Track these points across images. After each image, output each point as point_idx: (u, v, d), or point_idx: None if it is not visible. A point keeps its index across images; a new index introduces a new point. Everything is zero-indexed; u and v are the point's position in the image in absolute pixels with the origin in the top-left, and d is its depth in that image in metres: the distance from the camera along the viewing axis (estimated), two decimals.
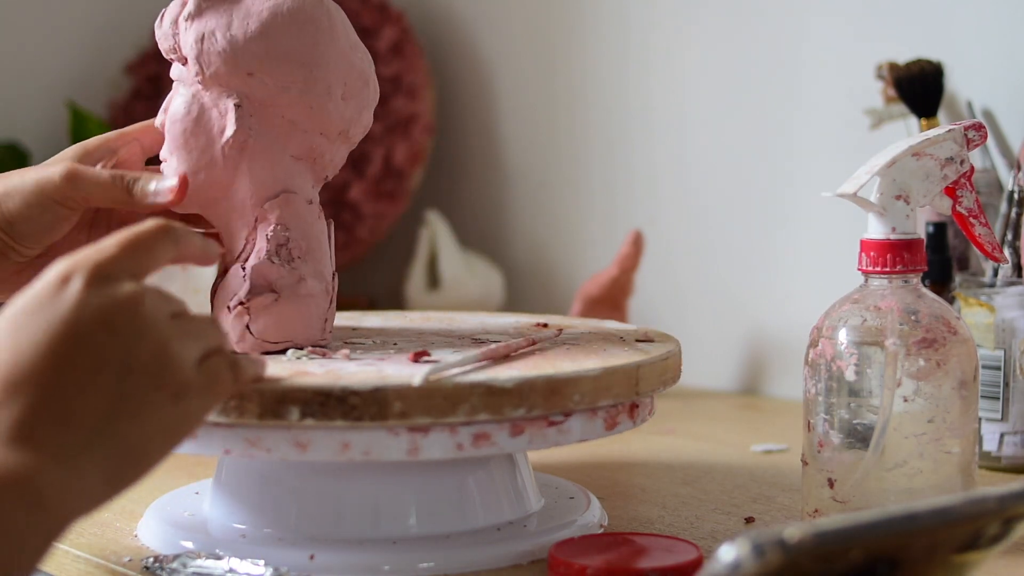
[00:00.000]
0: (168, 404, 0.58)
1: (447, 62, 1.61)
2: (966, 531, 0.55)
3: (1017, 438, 0.96)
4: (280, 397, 0.68)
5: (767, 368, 1.31)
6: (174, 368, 0.58)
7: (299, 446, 0.70)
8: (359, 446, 0.70)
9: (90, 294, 0.57)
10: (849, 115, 1.21)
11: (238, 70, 0.77)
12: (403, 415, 0.68)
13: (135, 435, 0.56)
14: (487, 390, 0.69)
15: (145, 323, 0.58)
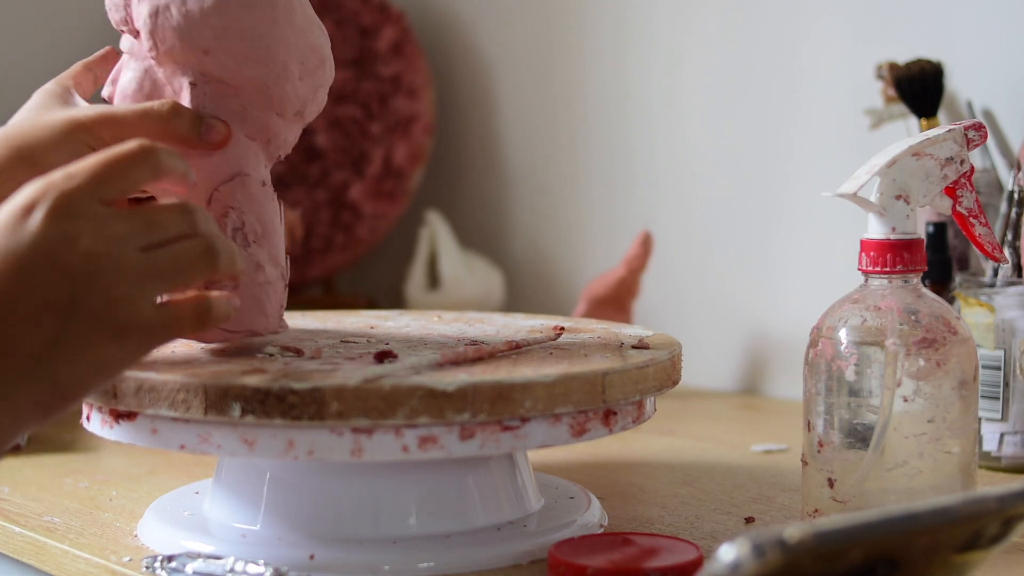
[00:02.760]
0: (108, 344, 0.58)
1: (447, 62, 1.61)
2: (966, 531, 0.55)
3: (1017, 438, 0.96)
4: (223, 393, 0.68)
5: (767, 368, 1.31)
6: (123, 311, 0.58)
7: (246, 443, 0.70)
8: (303, 445, 0.69)
9: (49, 228, 0.56)
10: (849, 115, 1.21)
11: (194, 47, 0.75)
12: (340, 415, 0.67)
13: (67, 375, 0.57)
14: (428, 393, 0.68)
15: (99, 263, 0.57)
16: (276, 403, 0.67)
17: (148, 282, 0.59)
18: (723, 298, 1.35)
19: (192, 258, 0.61)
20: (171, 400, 0.69)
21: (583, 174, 1.48)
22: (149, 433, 0.72)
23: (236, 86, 0.76)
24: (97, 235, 0.57)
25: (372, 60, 1.57)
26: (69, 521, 0.83)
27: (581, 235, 1.48)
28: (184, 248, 0.61)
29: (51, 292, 0.56)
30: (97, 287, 0.57)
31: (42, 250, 0.56)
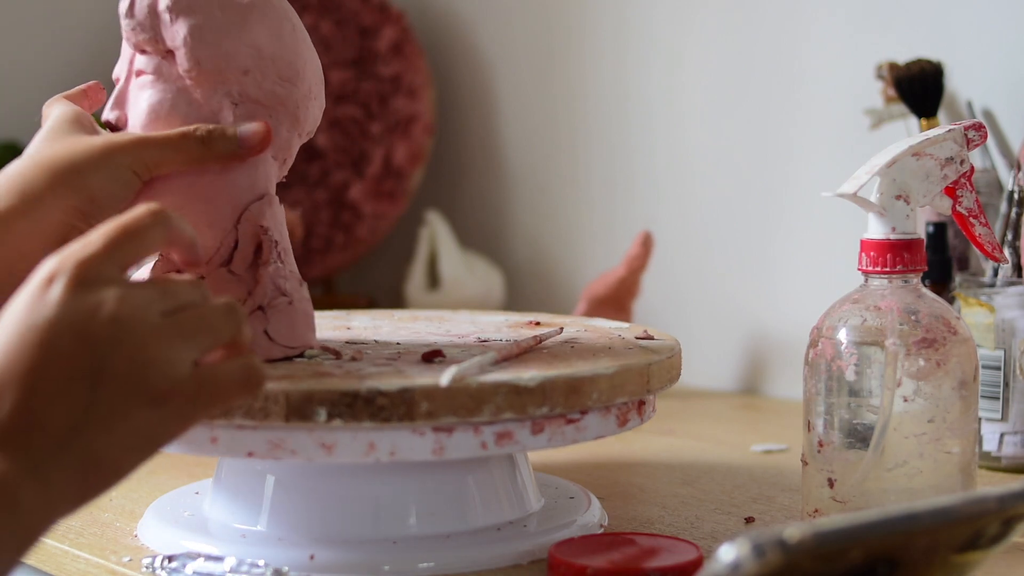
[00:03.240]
0: (145, 412, 0.56)
1: (447, 62, 1.61)
2: (966, 531, 0.55)
3: (1017, 438, 0.96)
4: (307, 398, 0.68)
5: (767, 368, 1.31)
6: (154, 373, 0.56)
7: (325, 448, 0.70)
8: (384, 447, 0.70)
9: (69, 299, 0.55)
10: (849, 115, 1.21)
11: (235, 67, 0.76)
12: (430, 415, 0.69)
13: (105, 445, 0.55)
14: (512, 389, 0.70)
15: (123, 329, 0.56)
16: (364, 406, 0.68)
17: (177, 343, 0.57)
18: (723, 298, 1.35)
19: (217, 318, 0.60)
20: (247, 408, 0.68)
21: (583, 174, 1.48)
22: (208, 443, 0.71)
23: (269, 106, 0.77)
24: (119, 300, 0.56)
25: (372, 60, 1.57)
26: (69, 521, 0.83)
27: (581, 235, 1.48)
28: (207, 310, 0.60)
29: (77, 361, 0.55)
30: (124, 352, 0.55)
31: (64, 320, 0.55)
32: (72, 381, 0.54)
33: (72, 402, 0.54)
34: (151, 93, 0.76)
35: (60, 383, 0.54)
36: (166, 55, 0.76)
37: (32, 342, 0.54)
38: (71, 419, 0.54)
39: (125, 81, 0.78)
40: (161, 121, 0.75)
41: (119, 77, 0.79)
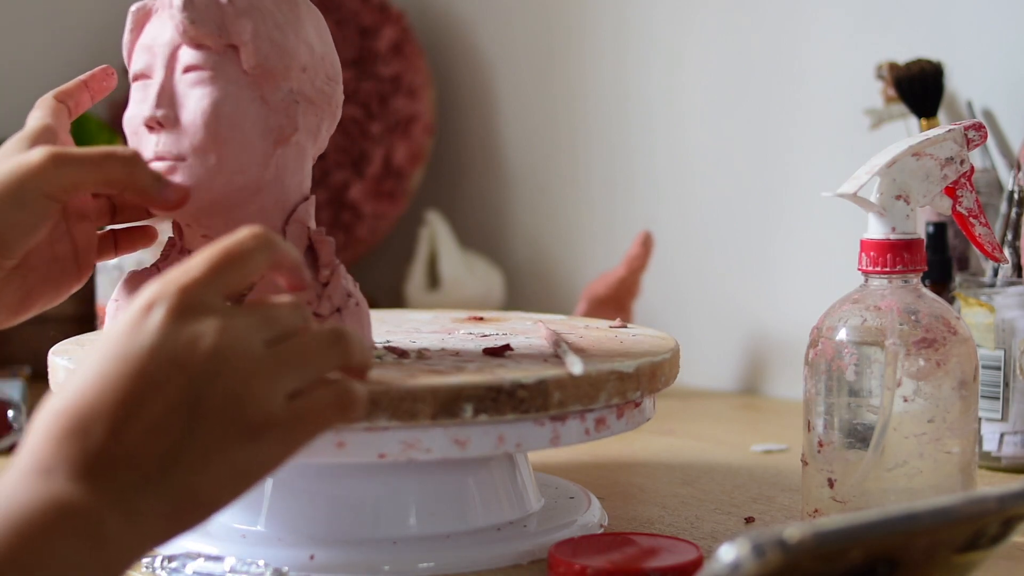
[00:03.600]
0: (242, 447, 0.54)
1: (447, 62, 1.61)
2: (966, 531, 0.55)
3: (1017, 438, 0.96)
4: (455, 395, 0.68)
5: (767, 368, 1.31)
6: (252, 409, 0.54)
7: (458, 443, 0.70)
8: (511, 439, 0.71)
9: (169, 328, 0.53)
10: (849, 115, 1.21)
11: (296, 64, 0.74)
12: (560, 404, 0.71)
13: (200, 480, 0.53)
14: (618, 376, 0.73)
15: (223, 362, 0.54)
16: (507, 399, 0.69)
17: (277, 376, 0.55)
18: (723, 298, 1.35)
19: (321, 347, 0.57)
20: (394, 409, 0.68)
21: (583, 174, 1.48)
22: (333, 447, 0.69)
23: (319, 105, 0.76)
24: (220, 331, 0.54)
25: (372, 60, 1.57)
26: None
27: (581, 235, 1.48)
28: (310, 339, 0.57)
29: (174, 394, 0.53)
30: (223, 386, 0.53)
31: (163, 351, 0.53)
32: (168, 414, 0.53)
33: (167, 435, 0.52)
34: (211, 90, 0.73)
35: (156, 415, 0.52)
36: (226, 50, 0.74)
37: (129, 371, 0.53)
38: (165, 452, 0.52)
39: (166, 77, 0.74)
40: (226, 119, 0.73)
41: (147, 73, 0.76)
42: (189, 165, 0.73)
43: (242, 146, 0.73)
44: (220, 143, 0.73)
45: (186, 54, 0.74)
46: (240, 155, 0.73)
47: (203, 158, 0.73)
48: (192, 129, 0.73)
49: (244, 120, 0.73)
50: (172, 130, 0.73)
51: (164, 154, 0.73)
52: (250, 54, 0.73)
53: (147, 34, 0.77)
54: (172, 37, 0.74)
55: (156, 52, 0.75)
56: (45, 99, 0.76)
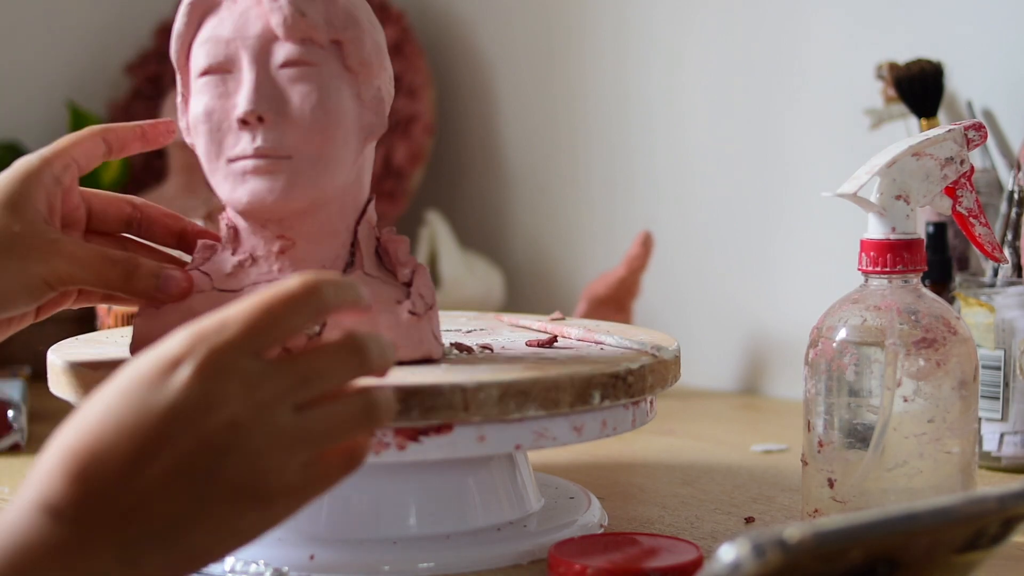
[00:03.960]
0: (248, 513, 0.53)
1: (447, 62, 1.61)
2: (966, 531, 0.55)
3: (1017, 438, 0.96)
4: (586, 383, 0.71)
5: (767, 368, 1.31)
6: (266, 481, 0.53)
7: (575, 430, 0.73)
8: (611, 423, 0.74)
9: (194, 389, 0.52)
10: (849, 115, 1.21)
11: (384, 62, 0.75)
12: (651, 388, 0.75)
13: (202, 541, 0.53)
14: (674, 362, 0.78)
15: (243, 435, 0.52)
16: (623, 385, 0.73)
17: (298, 447, 0.54)
18: (723, 298, 1.35)
19: (349, 418, 0.55)
20: (541, 399, 0.70)
21: (583, 174, 1.48)
22: (475, 441, 0.70)
23: (388, 104, 0.76)
24: (246, 399, 0.52)
25: None
26: None
27: (581, 235, 1.48)
28: (342, 408, 0.55)
29: (190, 460, 0.51)
30: (240, 459, 0.52)
31: (184, 414, 0.52)
32: (180, 477, 0.51)
33: (177, 496, 0.52)
34: (319, 85, 0.72)
35: (168, 477, 0.51)
36: (329, 45, 0.73)
37: (146, 425, 0.51)
38: (173, 512, 0.52)
39: (260, 71, 0.72)
40: (333, 115, 0.72)
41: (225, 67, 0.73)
42: (295, 163, 0.72)
43: (344, 143, 0.73)
44: (328, 140, 0.72)
45: (285, 48, 0.72)
46: (342, 153, 0.73)
47: (310, 156, 0.72)
48: (300, 125, 0.72)
49: (346, 117, 0.73)
50: (273, 126, 0.72)
51: (268, 151, 0.72)
52: (355, 49, 0.73)
53: (217, 27, 0.73)
54: (264, 30, 0.72)
55: (239, 45, 0.73)
56: (90, 129, 0.75)
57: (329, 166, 0.72)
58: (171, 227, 0.79)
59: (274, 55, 0.72)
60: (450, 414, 0.68)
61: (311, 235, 0.74)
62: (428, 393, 0.68)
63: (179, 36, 0.75)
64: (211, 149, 0.73)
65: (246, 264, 0.75)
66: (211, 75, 0.73)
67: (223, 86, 0.73)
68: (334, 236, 0.74)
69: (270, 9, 0.72)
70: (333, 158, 0.72)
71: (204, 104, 0.73)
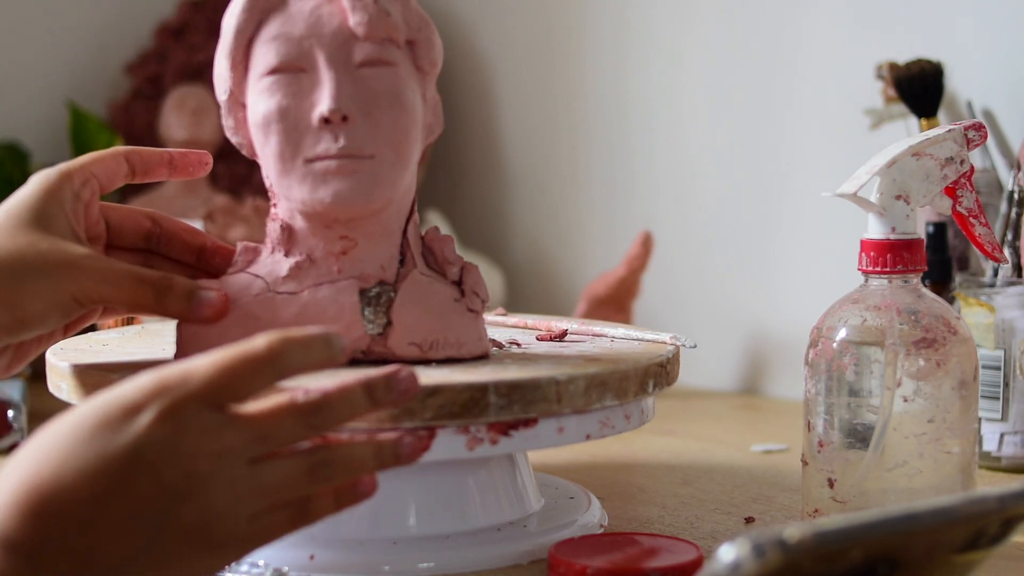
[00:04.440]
0: (200, 558, 0.54)
1: (447, 62, 1.61)
2: (966, 531, 0.55)
3: (1017, 438, 0.96)
4: (644, 372, 0.74)
5: (767, 368, 1.31)
6: (218, 528, 0.54)
7: (627, 418, 0.75)
8: (647, 412, 0.78)
9: (153, 437, 0.52)
10: (849, 115, 1.21)
11: (439, 59, 0.75)
12: (673, 380, 0.78)
13: None
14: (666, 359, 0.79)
15: (200, 484, 0.53)
16: (665, 375, 0.77)
17: (249, 499, 0.55)
18: (723, 298, 1.35)
19: (300, 475, 0.56)
20: (615, 390, 0.72)
21: (583, 174, 1.48)
22: (555, 433, 0.72)
23: None
24: (205, 451, 0.53)
25: None
26: None
27: (581, 235, 1.48)
28: (294, 465, 0.56)
29: (147, 504, 0.52)
30: (196, 506, 0.53)
31: (143, 460, 0.52)
32: (137, 519, 0.52)
33: (130, 540, 0.52)
34: (401, 85, 0.72)
35: (124, 520, 0.52)
36: (405, 45, 0.73)
37: (105, 470, 0.52)
38: (127, 555, 0.52)
39: (340, 70, 0.71)
40: (413, 115, 0.72)
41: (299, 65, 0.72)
42: (377, 163, 0.72)
43: (416, 143, 0.73)
44: (406, 140, 0.72)
45: (365, 47, 0.72)
46: (414, 153, 0.73)
47: (391, 155, 0.72)
48: (383, 125, 0.71)
49: (420, 117, 0.74)
50: (356, 126, 0.71)
51: (353, 151, 0.71)
52: (427, 50, 0.73)
53: (286, 24, 0.73)
54: (341, 28, 0.72)
55: (315, 43, 0.72)
56: (114, 149, 0.75)
57: (405, 166, 0.73)
58: (190, 242, 0.78)
59: (353, 54, 0.72)
60: (545, 407, 0.70)
61: (371, 235, 0.74)
62: (529, 387, 0.69)
63: (239, 33, 0.74)
64: (285, 149, 0.72)
65: (303, 265, 0.74)
66: (281, 73, 0.72)
67: (296, 85, 0.72)
68: (390, 236, 0.74)
69: (351, 8, 0.72)
70: (409, 158, 0.73)
71: (277, 103, 0.72)
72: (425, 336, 0.73)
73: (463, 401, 0.68)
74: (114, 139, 1.43)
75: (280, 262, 0.74)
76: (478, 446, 0.69)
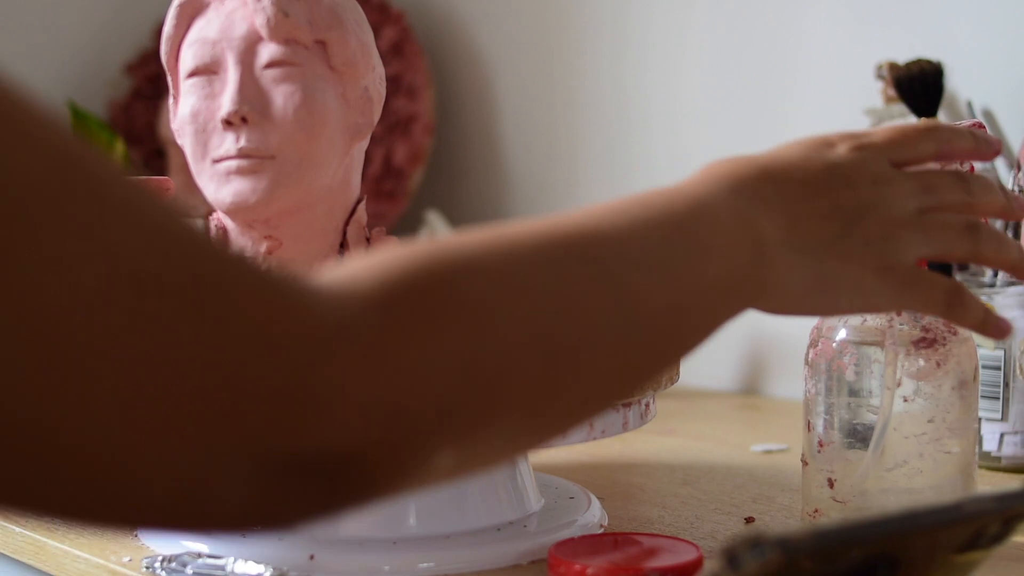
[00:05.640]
0: (869, 272, 0.60)
1: (447, 62, 1.61)
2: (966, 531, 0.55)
3: (1017, 438, 0.96)
4: None
5: (767, 368, 1.31)
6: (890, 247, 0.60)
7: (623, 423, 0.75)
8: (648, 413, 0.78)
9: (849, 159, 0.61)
10: (849, 115, 1.21)
11: (371, 62, 0.74)
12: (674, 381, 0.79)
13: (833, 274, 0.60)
14: None
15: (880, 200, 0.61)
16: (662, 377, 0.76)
17: (915, 235, 0.61)
18: None
19: (956, 231, 0.63)
20: None
21: (583, 174, 1.48)
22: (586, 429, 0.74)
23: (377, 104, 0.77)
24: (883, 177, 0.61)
25: None
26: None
27: None
28: (952, 219, 0.63)
29: (841, 203, 0.60)
30: (875, 220, 0.60)
31: (841, 172, 0.61)
32: (833, 212, 0.60)
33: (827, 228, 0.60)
34: (303, 85, 0.72)
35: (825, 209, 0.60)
36: (314, 45, 0.73)
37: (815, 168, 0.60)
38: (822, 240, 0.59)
39: (244, 72, 0.72)
40: (318, 116, 0.72)
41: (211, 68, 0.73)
42: (278, 163, 0.72)
43: (329, 143, 0.73)
44: (312, 140, 0.72)
45: (269, 49, 0.73)
46: (327, 153, 0.73)
47: (294, 156, 0.72)
48: (284, 125, 0.72)
49: (331, 117, 0.73)
50: (257, 126, 0.72)
51: (251, 151, 0.72)
52: (340, 49, 0.73)
53: (204, 28, 0.74)
54: (249, 31, 0.73)
55: (225, 46, 0.73)
56: None
57: (313, 166, 0.72)
58: None
59: (259, 56, 0.73)
60: None
61: (298, 235, 0.74)
62: None
63: (169, 38, 0.76)
64: (197, 150, 0.73)
65: None
66: (198, 76, 0.74)
67: (209, 87, 0.73)
68: (322, 236, 0.74)
69: (254, 10, 0.72)
70: (317, 158, 0.72)
71: (191, 105, 0.74)
72: None
73: None
74: (114, 139, 1.43)
75: None
76: None
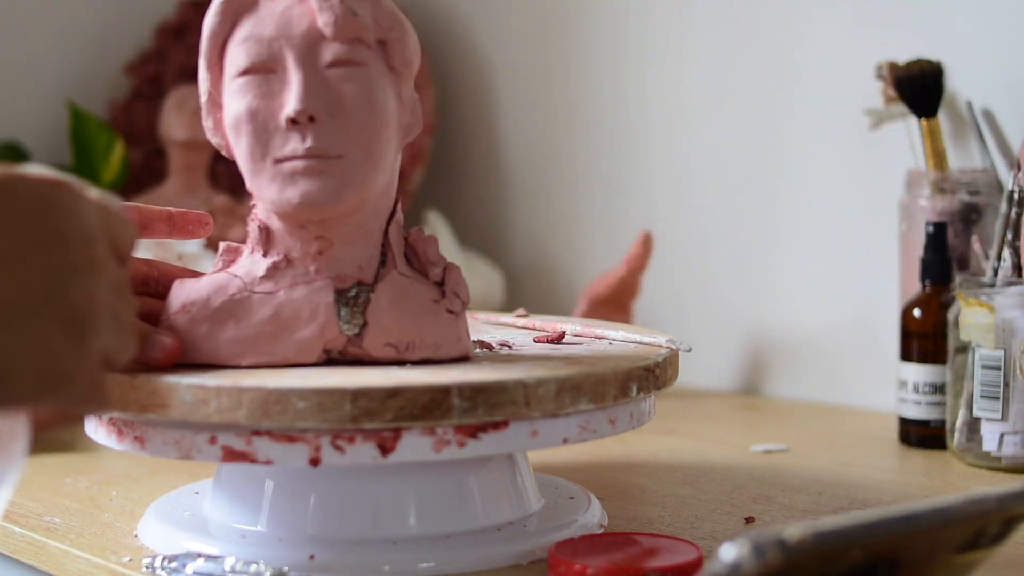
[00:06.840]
0: None
1: (447, 62, 1.61)
2: (966, 531, 0.55)
3: (1017, 438, 0.96)
4: (626, 377, 0.73)
5: (767, 368, 1.31)
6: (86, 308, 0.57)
7: (610, 422, 0.74)
8: (636, 415, 0.77)
9: None
10: (849, 115, 1.21)
11: (417, 60, 0.75)
12: (670, 380, 0.78)
13: None
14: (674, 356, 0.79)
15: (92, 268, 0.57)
16: (652, 379, 0.75)
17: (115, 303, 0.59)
18: (723, 298, 1.35)
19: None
20: (591, 393, 0.71)
21: (583, 174, 1.48)
22: (528, 437, 0.71)
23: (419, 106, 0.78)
24: None
25: None
26: (69, 521, 0.83)
27: (581, 235, 1.48)
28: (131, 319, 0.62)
29: None
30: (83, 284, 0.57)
31: None
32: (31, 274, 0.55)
33: None
34: (370, 85, 0.72)
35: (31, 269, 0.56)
36: (376, 45, 0.74)
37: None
38: None
39: (308, 71, 0.72)
40: (383, 116, 0.72)
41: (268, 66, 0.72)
42: (345, 163, 0.72)
43: (389, 143, 0.73)
44: (376, 140, 0.72)
45: (333, 48, 0.72)
46: (387, 153, 0.73)
47: (359, 156, 0.72)
48: (350, 125, 0.71)
49: (392, 117, 0.73)
50: (323, 126, 0.71)
51: (319, 151, 0.71)
52: (400, 50, 0.74)
53: (257, 25, 0.73)
54: (310, 28, 0.72)
55: (284, 44, 0.72)
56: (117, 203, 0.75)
57: (376, 166, 0.72)
58: None
59: (322, 55, 0.72)
60: (512, 410, 0.69)
61: (348, 236, 0.74)
62: (494, 390, 0.68)
63: (213, 35, 0.74)
64: (256, 149, 0.72)
65: (280, 265, 0.74)
66: (252, 75, 0.73)
67: (267, 85, 0.72)
68: (368, 237, 0.74)
69: (319, 8, 0.72)
70: (380, 158, 0.73)
71: (247, 104, 0.72)
72: (401, 337, 0.73)
73: (424, 403, 0.67)
74: (114, 139, 1.43)
75: (258, 262, 0.74)
76: (444, 448, 0.69)
